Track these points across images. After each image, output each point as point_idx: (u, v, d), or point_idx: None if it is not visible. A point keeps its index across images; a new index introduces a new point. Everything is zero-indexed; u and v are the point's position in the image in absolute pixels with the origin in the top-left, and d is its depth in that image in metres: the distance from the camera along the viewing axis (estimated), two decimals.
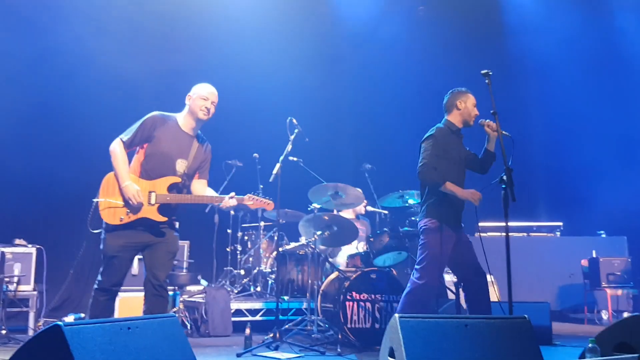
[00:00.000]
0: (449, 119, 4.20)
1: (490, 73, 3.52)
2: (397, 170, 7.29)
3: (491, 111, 3.46)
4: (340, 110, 8.38)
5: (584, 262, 7.01)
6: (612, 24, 7.88)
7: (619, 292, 6.65)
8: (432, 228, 3.97)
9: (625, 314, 6.60)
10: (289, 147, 5.13)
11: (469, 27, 8.00)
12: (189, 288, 6.01)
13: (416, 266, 4.02)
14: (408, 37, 8.16)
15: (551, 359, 4.29)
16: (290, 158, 5.31)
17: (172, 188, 3.71)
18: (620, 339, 3.09)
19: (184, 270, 6.25)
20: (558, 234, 7.68)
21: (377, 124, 8.23)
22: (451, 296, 5.68)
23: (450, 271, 4.36)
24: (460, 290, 4.49)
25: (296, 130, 5.20)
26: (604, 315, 6.76)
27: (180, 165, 3.75)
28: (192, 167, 3.81)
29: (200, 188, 3.90)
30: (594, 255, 6.87)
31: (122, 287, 5.48)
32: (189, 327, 5.53)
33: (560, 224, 7.70)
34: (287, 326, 5.19)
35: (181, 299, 5.76)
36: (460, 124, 4.16)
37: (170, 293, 5.73)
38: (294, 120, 5.22)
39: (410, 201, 5.63)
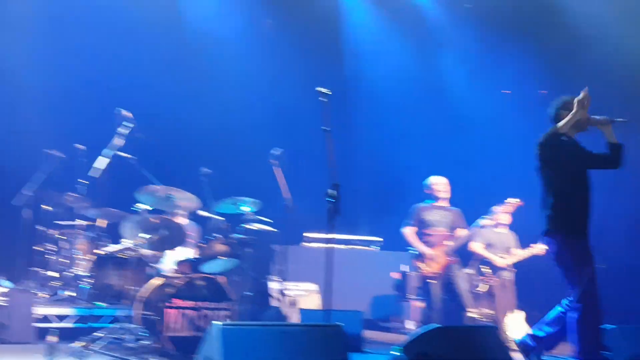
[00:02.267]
0: (562, 129, 3.98)
1: (326, 91, 3.65)
2: (233, 177, 7.27)
3: (322, 127, 3.59)
4: (179, 110, 8.14)
5: (396, 275, 7.63)
6: (437, 62, 8.78)
7: (423, 304, 7.34)
8: (563, 242, 3.80)
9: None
10: (118, 141, 4.84)
11: (310, 43, 8.35)
12: None
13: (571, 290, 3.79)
14: (254, 47, 8.25)
15: None
16: (120, 153, 5.01)
17: None
18: (421, 348, 3.42)
19: None
20: (378, 248, 8.26)
21: (216, 128, 8.14)
22: (275, 304, 5.79)
23: None
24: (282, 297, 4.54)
25: (127, 124, 4.93)
26: (409, 324, 7.38)
27: None
28: None
29: None
30: (405, 270, 7.51)
31: None
32: None
33: (381, 239, 8.30)
34: (99, 334, 4.85)
35: None
36: (575, 132, 3.98)
37: None
38: (125, 112, 4.93)
39: (244, 208, 5.66)
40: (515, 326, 7.09)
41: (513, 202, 5.90)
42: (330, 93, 3.63)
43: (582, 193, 3.86)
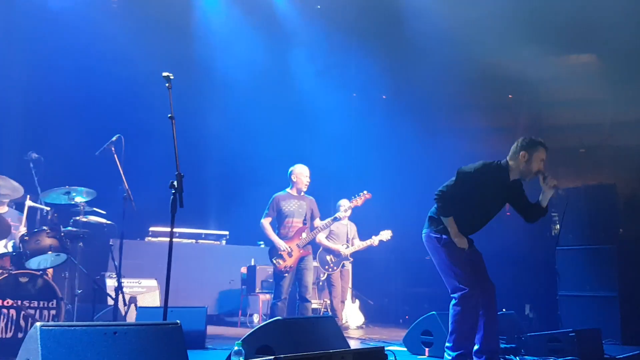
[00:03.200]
0: (509, 162, 4.00)
1: (172, 77, 3.50)
2: (66, 164, 6.70)
3: (168, 115, 3.44)
4: (3, 86, 7.28)
5: (244, 270, 7.61)
6: (287, 57, 8.87)
7: (269, 297, 7.42)
8: (438, 237, 4.02)
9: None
10: None
11: (159, 26, 7.95)
12: None
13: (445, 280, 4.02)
14: (96, 22, 7.63)
15: None
16: None
17: None
18: (262, 341, 3.44)
19: None
20: (224, 242, 8.17)
21: (47, 109, 7.43)
22: (110, 302, 5.45)
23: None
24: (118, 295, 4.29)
25: None
26: (255, 318, 7.42)
27: None
28: None
29: None
30: (252, 263, 7.52)
31: None
32: None
33: (227, 232, 8.21)
34: None
35: None
36: (517, 174, 4.00)
37: None
38: None
39: (78, 199, 5.22)
40: (351, 314, 7.50)
41: (366, 195, 6.07)
42: (173, 77, 3.46)
43: (480, 217, 4.10)
